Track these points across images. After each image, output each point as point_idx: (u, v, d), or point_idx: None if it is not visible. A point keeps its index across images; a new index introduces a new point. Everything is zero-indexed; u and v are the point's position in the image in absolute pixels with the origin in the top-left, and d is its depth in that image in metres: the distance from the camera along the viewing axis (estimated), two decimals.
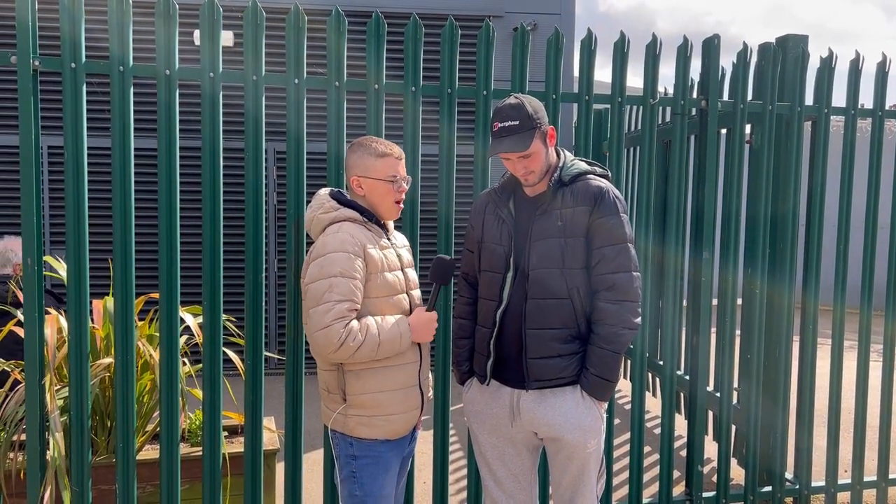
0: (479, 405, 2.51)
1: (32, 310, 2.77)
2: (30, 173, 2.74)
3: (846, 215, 3.71)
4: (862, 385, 3.81)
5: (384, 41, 3.01)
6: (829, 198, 3.80)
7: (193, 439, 3.35)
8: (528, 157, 2.32)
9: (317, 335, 2.15)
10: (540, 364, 2.35)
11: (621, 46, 3.25)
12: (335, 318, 2.13)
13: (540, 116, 2.34)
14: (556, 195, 2.37)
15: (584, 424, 2.36)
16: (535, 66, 3.67)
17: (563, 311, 2.33)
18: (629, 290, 2.32)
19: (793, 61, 3.59)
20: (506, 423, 2.46)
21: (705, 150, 3.52)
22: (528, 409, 2.40)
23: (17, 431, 2.92)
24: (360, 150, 2.35)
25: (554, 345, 2.34)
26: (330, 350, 2.15)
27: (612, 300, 2.31)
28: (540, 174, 2.37)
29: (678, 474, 4.23)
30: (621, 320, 2.30)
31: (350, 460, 2.32)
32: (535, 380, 2.36)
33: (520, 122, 2.29)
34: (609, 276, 2.32)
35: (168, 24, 2.81)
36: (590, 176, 2.41)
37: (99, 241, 6.25)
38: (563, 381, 2.36)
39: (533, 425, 2.41)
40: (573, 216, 2.33)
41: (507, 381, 2.43)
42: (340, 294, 2.15)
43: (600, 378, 2.33)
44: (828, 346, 3.97)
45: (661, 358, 5.34)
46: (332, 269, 2.17)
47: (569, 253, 2.32)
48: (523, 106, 2.31)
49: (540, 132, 2.33)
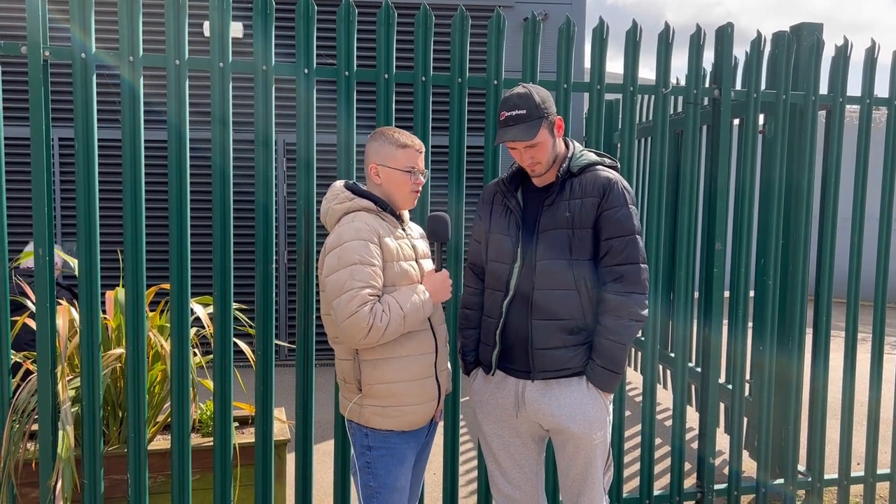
0: (485, 395, 2.51)
1: (44, 301, 2.78)
2: (41, 165, 2.75)
3: (861, 206, 3.67)
4: (876, 378, 3.78)
5: (394, 30, 2.98)
6: (843, 188, 3.75)
7: (204, 430, 3.36)
8: (535, 147, 2.31)
9: (345, 324, 2.14)
10: (546, 355, 2.34)
11: (633, 35, 3.22)
12: (360, 303, 2.13)
13: (548, 106, 2.32)
14: (564, 186, 2.35)
15: (590, 416, 2.35)
16: (545, 56, 3.64)
17: (570, 302, 2.32)
18: (637, 282, 2.31)
19: (807, 50, 3.55)
20: (511, 414, 2.45)
21: (718, 140, 3.48)
22: (533, 399, 2.39)
23: (29, 421, 2.94)
24: (382, 139, 2.35)
25: (560, 335, 2.33)
26: (361, 335, 2.14)
27: (619, 291, 2.30)
28: (546, 165, 2.36)
29: (689, 466, 4.21)
30: (629, 312, 2.29)
31: (365, 450, 2.32)
32: (540, 370, 2.36)
33: (527, 112, 2.27)
34: (617, 268, 2.31)
35: (178, 14, 2.81)
36: (598, 167, 2.39)
37: (110, 231, 6.27)
38: (568, 372, 2.36)
39: (538, 416, 2.40)
40: (581, 207, 2.31)
41: (512, 371, 2.43)
42: (361, 280, 2.15)
43: (607, 369, 2.32)
44: (841, 338, 3.93)
45: (672, 350, 5.33)
46: (350, 257, 2.16)
47: (576, 244, 2.31)
48: (531, 95, 2.30)
49: (547, 122, 2.31)
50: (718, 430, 3.83)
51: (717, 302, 3.52)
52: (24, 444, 2.94)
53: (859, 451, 4.42)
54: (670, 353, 5.41)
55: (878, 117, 9.73)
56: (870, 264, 4.06)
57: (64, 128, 6.22)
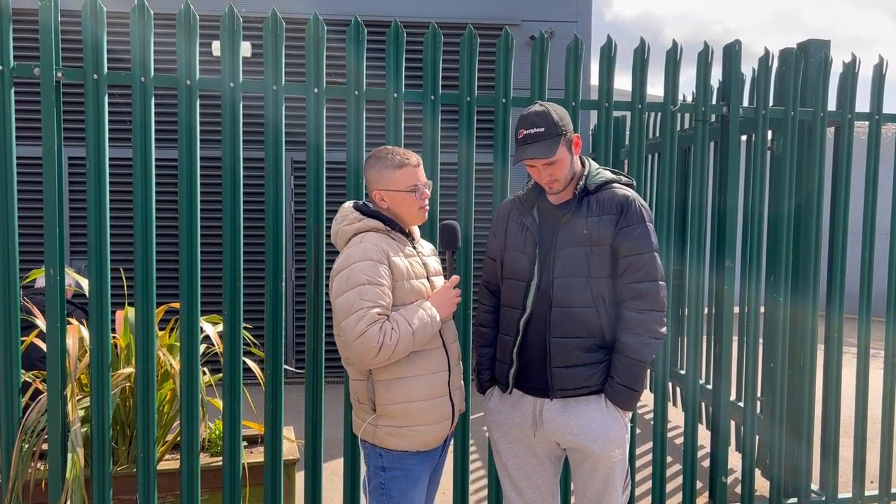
0: (501, 415, 2.49)
1: (55, 320, 2.79)
2: (52, 184, 2.77)
3: (871, 222, 3.66)
4: (889, 395, 3.74)
5: (403, 50, 3.01)
6: (852, 203, 3.74)
7: (213, 449, 3.35)
8: (554, 165, 2.31)
9: (355, 345, 2.13)
10: (564, 373, 2.33)
11: (641, 53, 3.23)
12: (369, 322, 2.12)
13: (565, 124, 2.33)
14: (581, 204, 2.36)
15: (610, 434, 2.34)
16: (552, 74, 3.66)
17: (588, 320, 2.31)
18: (656, 300, 2.30)
19: (815, 66, 3.55)
20: (528, 433, 2.43)
21: (727, 157, 3.48)
22: (551, 418, 2.37)
23: (38, 441, 2.93)
24: (378, 164, 2.34)
25: (578, 353, 2.32)
26: (371, 355, 2.13)
27: (638, 309, 2.29)
28: (564, 182, 2.36)
29: (701, 485, 4.16)
30: (648, 329, 2.28)
31: (379, 471, 2.30)
32: (559, 388, 2.34)
33: (545, 129, 2.28)
34: (636, 286, 2.30)
35: (189, 35, 2.83)
36: (615, 185, 2.40)
37: (120, 250, 6.29)
38: (587, 391, 2.34)
39: (556, 435, 2.38)
40: (599, 225, 2.31)
41: (529, 390, 2.41)
42: (370, 300, 2.14)
43: (626, 387, 2.31)
44: (853, 354, 3.90)
45: (683, 367, 5.29)
46: (358, 278, 2.16)
47: (594, 262, 2.31)
48: (549, 113, 2.31)
49: (566, 139, 2.32)
50: (730, 448, 3.79)
51: (727, 318, 3.50)
52: (33, 464, 2.93)
53: (873, 469, 4.37)
54: (681, 370, 5.38)
55: (886, 133, 9.72)
56: (881, 279, 4.04)
57: (74, 146, 6.25)
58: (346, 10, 5.96)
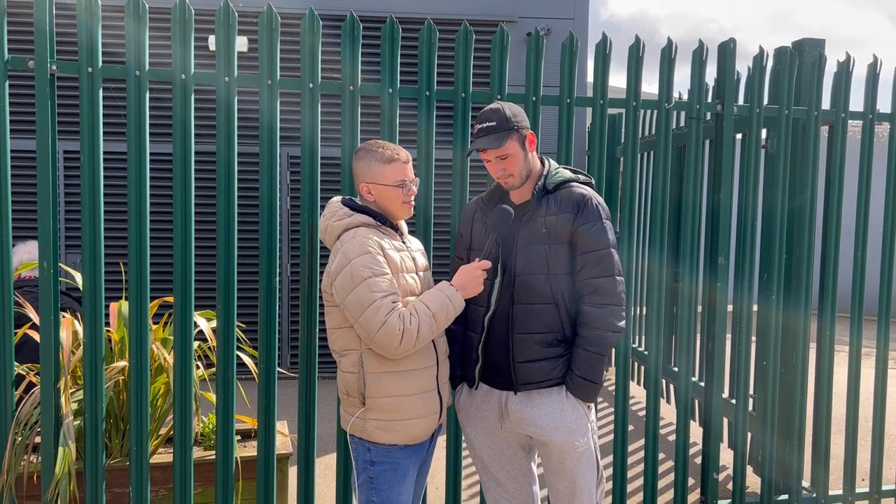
0: (471, 409, 2.56)
1: (49, 313, 2.79)
2: (47, 178, 2.76)
3: (864, 221, 3.68)
4: (880, 393, 3.76)
5: (398, 46, 3.01)
6: (845, 202, 3.76)
7: (207, 443, 3.35)
8: (506, 160, 2.38)
9: (378, 336, 2.16)
10: (527, 367, 2.40)
11: (636, 51, 3.24)
12: (387, 312, 2.15)
13: (518, 120, 2.40)
14: (540, 203, 2.42)
15: (570, 424, 2.41)
16: (548, 70, 3.66)
17: (549, 316, 2.39)
18: (613, 294, 2.38)
19: (809, 65, 3.56)
20: (496, 426, 2.51)
21: (721, 155, 3.49)
22: (515, 410, 2.45)
23: (31, 434, 2.93)
24: (368, 157, 2.36)
25: (540, 349, 2.39)
26: (395, 344, 2.16)
27: (596, 304, 2.37)
28: (519, 177, 2.42)
29: (693, 482, 4.18)
30: (605, 323, 2.36)
31: (368, 465, 2.32)
32: (522, 382, 2.42)
33: (497, 124, 2.37)
34: (593, 281, 2.37)
35: (183, 29, 2.83)
36: (573, 184, 2.46)
37: (114, 244, 6.28)
38: (549, 384, 2.42)
39: (521, 426, 2.46)
40: (557, 223, 2.38)
41: (495, 384, 2.48)
42: (381, 290, 2.17)
43: (585, 379, 2.38)
44: (845, 352, 3.92)
45: (675, 364, 5.30)
46: (362, 272, 2.18)
47: (553, 259, 2.38)
48: (502, 109, 2.40)
49: (518, 135, 2.39)
50: (722, 445, 3.81)
51: (720, 316, 3.52)
52: (26, 457, 2.93)
53: (864, 466, 4.39)
54: (673, 367, 5.39)
55: (879, 132, 9.75)
56: (873, 278, 4.06)
57: (69, 140, 6.24)
58: (341, 6, 5.95)
